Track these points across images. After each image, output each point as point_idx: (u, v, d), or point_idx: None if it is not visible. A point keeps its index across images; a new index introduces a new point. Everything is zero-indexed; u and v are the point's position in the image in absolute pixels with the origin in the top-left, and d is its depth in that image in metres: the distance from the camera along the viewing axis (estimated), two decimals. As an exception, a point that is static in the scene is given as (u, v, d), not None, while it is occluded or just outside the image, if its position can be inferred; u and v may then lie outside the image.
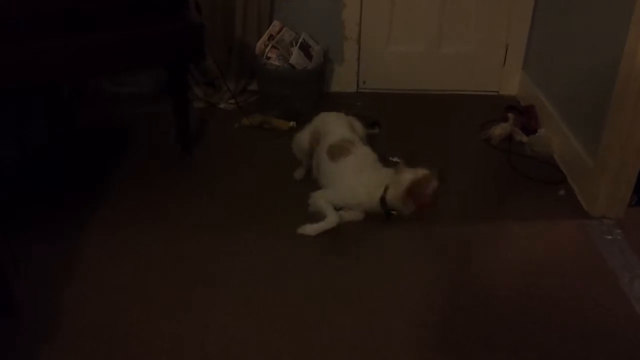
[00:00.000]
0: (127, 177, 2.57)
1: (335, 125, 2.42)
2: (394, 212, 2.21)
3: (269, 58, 3.02)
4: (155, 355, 1.69)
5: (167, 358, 1.68)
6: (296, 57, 3.01)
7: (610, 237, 2.17)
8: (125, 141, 2.86)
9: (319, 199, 2.22)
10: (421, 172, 2.14)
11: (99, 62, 2.26)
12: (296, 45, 3.04)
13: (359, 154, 2.31)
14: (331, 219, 2.16)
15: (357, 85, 3.43)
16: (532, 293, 1.93)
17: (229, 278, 1.99)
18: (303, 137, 2.52)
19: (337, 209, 2.22)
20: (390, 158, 2.63)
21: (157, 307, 1.87)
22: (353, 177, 2.23)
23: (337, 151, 2.30)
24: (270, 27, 3.10)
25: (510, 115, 2.95)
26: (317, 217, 2.20)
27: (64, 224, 2.23)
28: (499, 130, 2.86)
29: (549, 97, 2.88)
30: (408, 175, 2.12)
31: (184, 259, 2.08)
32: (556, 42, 2.84)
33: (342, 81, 3.37)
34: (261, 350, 1.71)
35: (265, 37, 3.07)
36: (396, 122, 3.04)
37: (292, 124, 2.98)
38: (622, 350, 1.71)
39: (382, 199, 2.18)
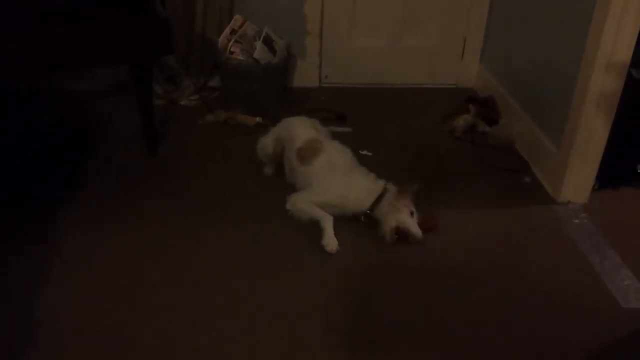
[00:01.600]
0: (96, 176, 2.48)
1: (298, 129, 2.40)
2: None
3: (232, 53, 2.97)
4: (144, 356, 1.64)
5: (157, 357, 1.64)
6: (260, 51, 2.97)
7: (577, 221, 2.27)
8: (88, 140, 2.75)
9: (300, 203, 2.20)
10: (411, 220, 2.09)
11: (61, 59, 2.17)
12: (260, 39, 3.00)
13: (332, 151, 2.30)
14: (326, 218, 2.13)
15: (320, 80, 3.42)
16: (509, 277, 1.98)
17: (211, 276, 1.95)
18: (267, 143, 2.49)
19: None
20: (360, 152, 2.65)
21: (142, 306, 1.81)
22: (340, 180, 2.21)
23: (307, 153, 2.29)
24: (232, 21, 3.05)
25: (472, 107, 3.02)
26: (298, 220, 2.20)
27: (36, 225, 2.13)
28: (462, 121, 2.92)
29: (508, 88, 2.98)
30: (401, 217, 2.07)
31: (162, 257, 2.03)
32: (514, 34, 2.93)
33: (305, 76, 3.36)
34: (253, 347, 1.68)
35: (227, 31, 3.02)
36: (361, 115, 3.05)
37: (258, 119, 2.95)
38: (600, 327, 1.78)
39: (368, 213, 2.16)
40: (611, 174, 2.39)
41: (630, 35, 2.04)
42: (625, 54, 2.08)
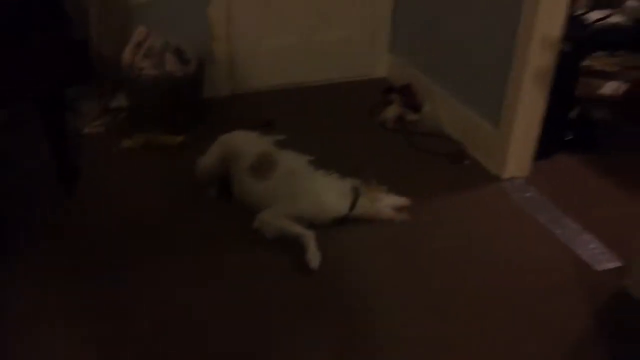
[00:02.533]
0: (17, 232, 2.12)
1: (244, 145, 2.25)
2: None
3: (142, 69, 2.71)
4: None
5: None
6: (172, 63, 2.74)
7: (528, 194, 2.35)
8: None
9: (274, 219, 2.04)
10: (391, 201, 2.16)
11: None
12: (169, 51, 2.77)
13: (288, 160, 2.18)
14: (306, 232, 1.98)
15: (231, 87, 3.24)
16: (480, 261, 2.00)
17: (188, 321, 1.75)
18: (209, 164, 2.29)
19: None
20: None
21: None
22: (309, 186, 2.10)
23: (262, 168, 2.15)
24: (135, 34, 2.78)
25: (395, 97, 3.03)
26: (264, 237, 2.05)
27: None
28: (390, 112, 2.92)
29: (427, 73, 3.01)
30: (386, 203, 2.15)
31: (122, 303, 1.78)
32: (429, 20, 2.97)
33: (216, 85, 3.16)
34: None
35: (131, 45, 2.75)
36: (286, 119, 2.94)
37: (180, 138, 2.72)
38: (582, 292, 1.85)
39: (346, 215, 2.11)
40: (543, 145, 2.51)
41: (562, 9, 2.14)
42: (558, 29, 2.18)
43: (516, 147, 2.40)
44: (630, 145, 2.75)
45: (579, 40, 2.40)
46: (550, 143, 2.52)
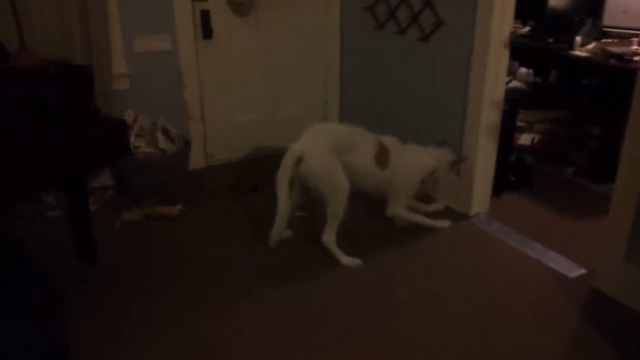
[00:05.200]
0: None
1: (361, 140, 2.61)
2: None
3: (137, 147, 2.90)
4: None
5: None
6: (163, 141, 2.97)
7: (494, 226, 2.84)
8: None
9: (409, 216, 2.75)
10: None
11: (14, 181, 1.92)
12: (158, 130, 2.99)
13: (390, 144, 2.70)
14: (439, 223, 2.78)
15: (206, 160, 3.50)
16: (479, 275, 2.42)
17: None
18: (327, 158, 2.45)
19: None
20: (296, 214, 2.85)
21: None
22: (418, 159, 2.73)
23: (382, 157, 2.62)
24: (125, 116, 2.98)
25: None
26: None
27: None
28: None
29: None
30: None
31: None
32: (374, 93, 3.49)
33: (192, 158, 3.39)
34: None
35: (123, 127, 2.93)
36: (263, 184, 3.19)
37: (179, 207, 2.92)
38: (566, 296, 2.31)
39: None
40: (493, 186, 3.04)
41: (503, 79, 2.73)
42: (501, 92, 2.75)
43: (477, 189, 2.91)
44: (552, 182, 3.39)
45: (512, 100, 3.00)
46: (498, 184, 3.06)
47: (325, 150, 2.44)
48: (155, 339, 2.02)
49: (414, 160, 2.70)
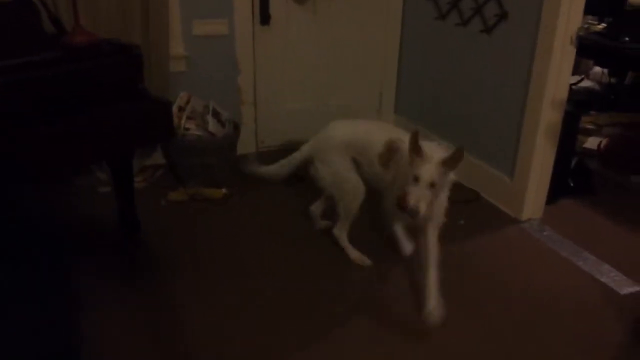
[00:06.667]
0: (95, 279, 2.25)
1: (376, 137, 2.24)
2: None
3: (187, 129, 2.94)
4: None
5: None
6: (213, 124, 2.99)
7: (545, 232, 2.69)
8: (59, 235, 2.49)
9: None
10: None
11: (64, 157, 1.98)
12: (209, 113, 3.02)
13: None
14: None
15: (257, 145, 3.51)
16: (523, 287, 2.29)
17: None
18: (335, 161, 2.33)
19: None
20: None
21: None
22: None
23: (386, 156, 2.19)
24: (178, 98, 3.03)
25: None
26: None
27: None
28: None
29: (434, 131, 3.37)
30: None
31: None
32: (435, 86, 3.37)
33: (243, 143, 3.41)
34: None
35: (175, 109, 2.98)
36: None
37: (224, 190, 2.94)
38: (614, 314, 2.15)
39: None
40: (550, 191, 2.87)
41: (567, 75, 2.55)
42: (564, 91, 2.58)
43: (531, 193, 2.75)
44: (617, 190, 3.17)
45: (577, 101, 2.82)
46: (556, 189, 2.89)
47: (335, 152, 2.32)
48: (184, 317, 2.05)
49: None
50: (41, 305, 2.04)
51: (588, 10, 2.57)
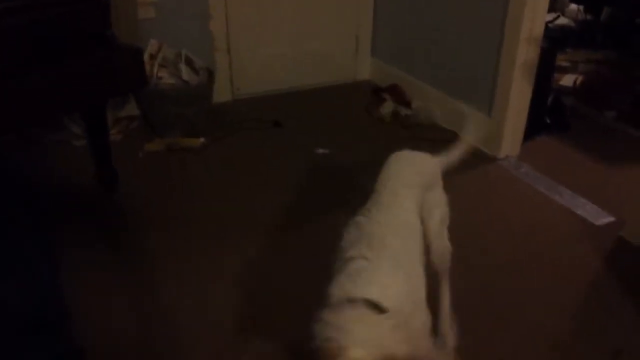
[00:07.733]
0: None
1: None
2: None
3: (160, 78, 2.87)
4: None
5: None
6: (186, 72, 2.93)
7: (523, 169, 2.72)
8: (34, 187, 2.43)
9: None
10: None
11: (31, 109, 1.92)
12: (182, 61, 2.95)
13: None
14: None
15: (232, 93, 3.45)
16: (503, 220, 2.34)
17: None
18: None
19: None
20: (316, 151, 2.82)
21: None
22: None
23: None
24: (149, 46, 2.94)
25: (387, 95, 3.35)
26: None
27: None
28: (386, 109, 3.24)
29: (412, 73, 3.36)
30: None
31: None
32: (409, 25, 3.32)
33: (217, 91, 3.34)
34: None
35: (146, 56, 2.90)
36: (288, 119, 3.17)
37: (201, 139, 2.90)
38: (591, 244, 2.21)
39: None
40: (526, 128, 2.90)
41: (543, 12, 2.53)
42: (540, 28, 2.57)
43: (509, 131, 2.77)
44: (591, 126, 3.21)
45: (553, 38, 2.81)
46: (532, 126, 2.91)
47: None
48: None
49: None
50: (25, 267, 2.01)
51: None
